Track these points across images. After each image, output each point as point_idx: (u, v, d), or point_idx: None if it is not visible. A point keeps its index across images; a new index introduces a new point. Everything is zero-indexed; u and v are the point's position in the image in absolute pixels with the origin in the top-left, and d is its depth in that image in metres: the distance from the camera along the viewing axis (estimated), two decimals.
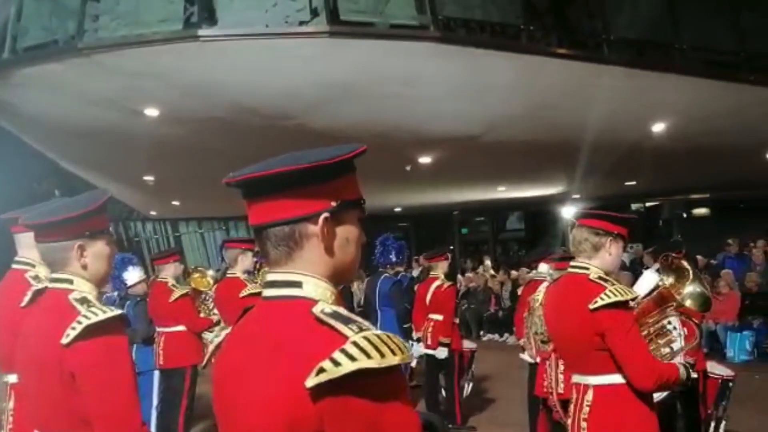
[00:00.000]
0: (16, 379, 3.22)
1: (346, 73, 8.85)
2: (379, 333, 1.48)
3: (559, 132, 11.45)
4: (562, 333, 3.76)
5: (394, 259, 9.08)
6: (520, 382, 7.82)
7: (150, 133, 10.71)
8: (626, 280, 9.17)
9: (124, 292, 7.31)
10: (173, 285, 7.47)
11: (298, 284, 1.64)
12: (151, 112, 9.93)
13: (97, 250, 2.69)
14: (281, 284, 1.66)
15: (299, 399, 1.45)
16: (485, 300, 17.22)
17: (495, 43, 9.02)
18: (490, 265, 19.80)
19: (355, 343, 1.44)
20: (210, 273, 8.70)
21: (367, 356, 1.42)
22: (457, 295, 9.24)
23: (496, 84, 9.49)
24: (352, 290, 14.65)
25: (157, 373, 7.40)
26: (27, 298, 3.30)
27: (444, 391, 8.58)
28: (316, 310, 1.55)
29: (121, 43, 8.43)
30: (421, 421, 1.55)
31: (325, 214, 1.63)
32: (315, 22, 8.28)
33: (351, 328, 1.48)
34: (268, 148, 8.09)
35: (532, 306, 6.36)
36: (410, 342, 8.78)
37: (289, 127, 10.28)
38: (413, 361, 8.71)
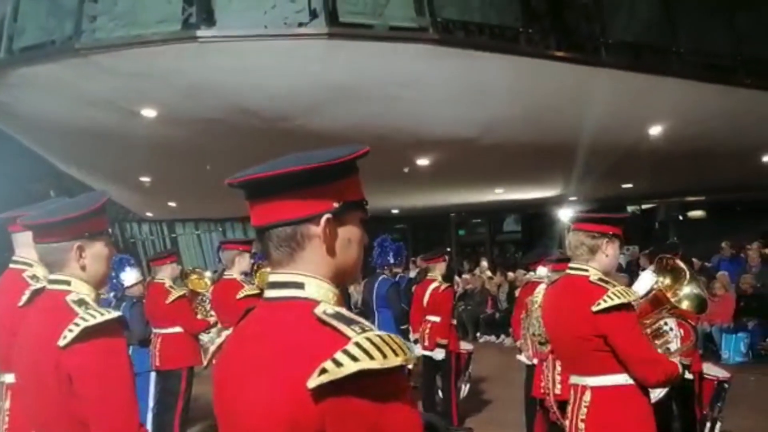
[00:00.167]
0: (12, 379, 3.20)
1: (345, 75, 8.85)
2: (382, 334, 1.48)
3: (557, 134, 11.46)
4: (561, 334, 3.77)
5: (391, 260, 9.07)
6: (517, 383, 7.83)
7: (147, 134, 10.69)
8: (622, 282, 9.17)
9: (120, 293, 7.30)
10: (170, 286, 7.43)
11: (300, 285, 1.64)
12: (149, 113, 9.91)
13: (96, 251, 2.68)
14: (283, 285, 1.66)
15: (301, 400, 1.45)
16: (482, 301, 17.22)
17: (493, 46, 9.05)
18: (487, 266, 19.78)
19: (357, 344, 1.44)
20: (207, 274, 8.69)
21: (370, 357, 1.43)
22: (454, 296, 9.23)
23: (494, 86, 9.50)
24: (350, 291, 14.64)
25: (154, 375, 7.37)
26: (25, 297, 3.27)
27: (441, 393, 8.57)
28: (318, 310, 1.55)
29: (119, 44, 8.43)
30: (423, 421, 1.55)
31: (327, 215, 1.63)
32: (314, 24, 8.29)
33: (353, 329, 1.48)
34: (266, 149, 8.10)
35: (529, 308, 6.36)
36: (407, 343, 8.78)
37: (288, 128, 10.27)
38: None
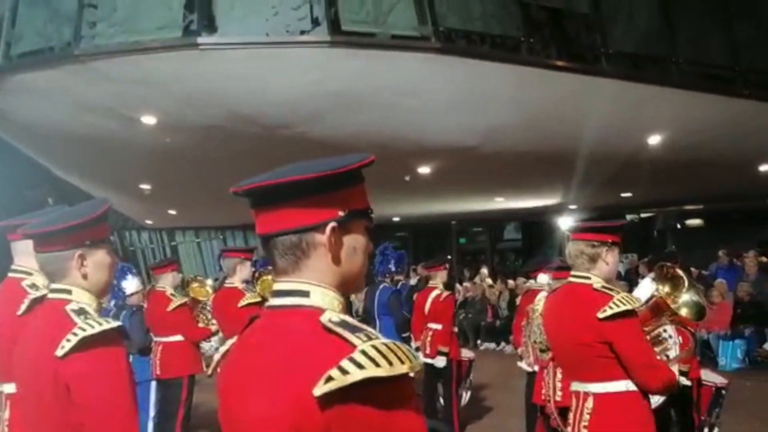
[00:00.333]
0: (11, 388, 3.18)
1: (347, 83, 8.87)
2: (387, 342, 1.48)
3: (557, 143, 11.48)
4: (563, 341, 3.78)
5: (393, 268, 9.08)
6: (518, 390, 7.84)
7: (147, 141, 10.69)
8: (622, 290, 9.18)
9: (122, 301, 7.29)
10: (171, 294, 7.41)
11: (306, 293, 1.64)
12: (149, 120, 9.90)
13: (98, 260, 2.66)
14: (288, 293, 1.66)
15: (307, 407, 1.45)
16: (482, 309, 17.23)
17: (495, 55, 9.06)
18: (487, 274, 19.79)
19: (363, 352, 1.45)
20: (209, 282, 8.68)
21: (376, 365, 1.43)
22: (455, 304, 9.23)
23: (495, 95, 9.53)
24: (351, 299, 14.63)
25: (154, 383, 7.35)
26: (24, 306, 3.27)
27: (442, 400, 8.55)
28: (324, 318, 1.55)
29: (119, 51, 8.42)
30: (429, 429, 1.56)
31: (332, 224, 1.63)
32: (316, 32, 8.30)
33: (359, 337, 1.48)
34: (267, 157, 8.12)
35: (530, 315, 6.38)
36: None
37: (289, 136, 10.28)
38: None
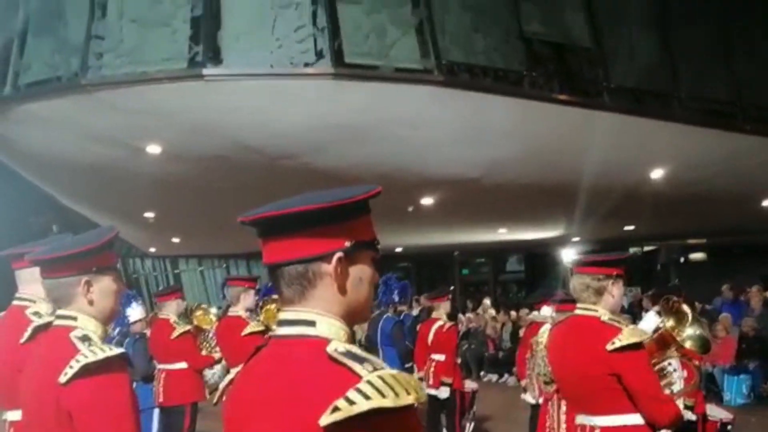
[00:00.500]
0: (16, 416, 3.18)
1: (350, 115, 8.92)
2: (393, 372, 1.49)
3: (559, 176, 11.52)
4: (569, 373, 3.77)
5: (396, 298, 9.08)
6: (522, 422, 7.81)
7: (152, 170, 10.73)
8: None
9: (125, 328, 7.30)
10: (175, 322, 7.44)
11: (312, 323, 1.64)
12: (154, 150, 9.94)
13: (104, 286, 2.66)
14: (294, 323, 1.66)
15: None
16: (485, 341, 17.18)
17: (497, 88, 9.12)
18: (490, 305, 19.75)
19: (369, 382, 1.45)
20: (213, 311, 8.68)
21: (382, 395, 1.43)
22: (458, 335, 9.22)
23: (498, 128, 9.58)
24: (355, 329, 14.56)
25: (157, 411, 7.34)
26: (27, 334, 3.27)
27: (446, 431, 8.53)
28: (330, 349, 1.56)
29: (125, 81, 8.48)
30: None
31: (339, 254, 1.64)
32: (320, 64, 8.37)
33: (365, 368, 1.49)
34: (271, 187, 8.17)
35: (534, 347, 6.37)
36: None
37: (292, 166, 10.31)
38: None
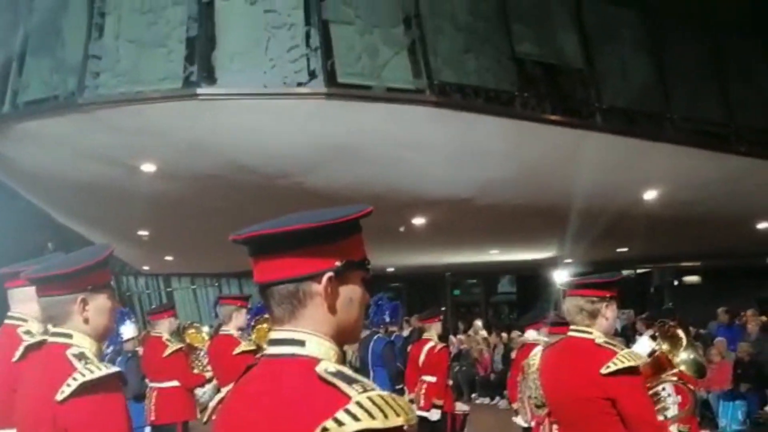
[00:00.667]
0: None
1: (343, 135, 8.95)
2: (383, 393, 1.48)
3: (552, 197, 11.53)
4: (563, 396, 3.74)
5: (387, 319, 9.07)
6: None
7: (146, 188, 10.73)
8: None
9: (119, 346, 7.30)
10: (167, 339, 7.45)
11: (302, 343, 1.63)
12: (148, 168, 9.96)
13: (99, 304, 2.67)
14: (284, 342, 1.65)
15: None
16: (477, 363, 17.14)
17: (489, 109, 9.17)
18: (481, 326, 19.73)
19: (358, 403, 1.45)
20: (205, 329, 8.68)
21: (371, 416, 1.43)
22: (449, 356, 9.20)
23: (490, 148, 9.60)
24: (345, 349, 14.51)
25: (149, 430, 7.34)
26: (18, 353, 3.28)
27: None
28: (320, 369, 1.55)
29: (121, 100, 8.54)
30: None
31: (329, 274, 1.63)
32: (312, 84, 8.41)
33: (355, 388, 1.48)
34: (264, 206, 8.17)
35: (526, 370, 6.35)
36: None
37: (286, 186, 10.33)
38: None
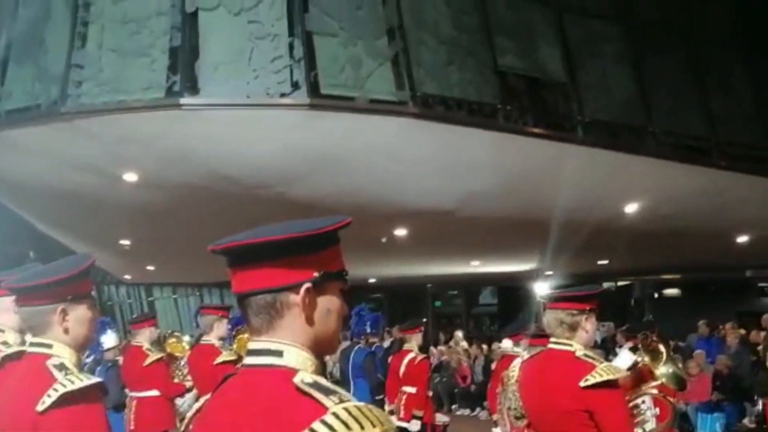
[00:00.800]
0: None
1: (325, 145, 8.96)
2: (360, 404, 1.49)
3: (533, 209, 11.58)
4: (542, 408, 3.75)
5: (368, 329, 9.07)
6: None
7: (128, 197, 10.71)
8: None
9: (99, 355, 7.27)
10: (148, 349, 7.42)
11: (279, 353, 1.63)
12: (131, 177, 9.93)
13: (80, 315, 2.66)
14: (262, 353, 1.66)
15: None
16: (457, 374, 17.12)
17: (472, 121, 9.20)
18: (462, 337, 19.74)
19: (335, 414, 1.45)
20: (186, 339, 8.66)
21: (347, 428, 1.43)
22: (430, 367, 9.20)
23: (472, 160, 9.64)
24: (326, 360, 14.51)
25: None
26: None
27: None
28: (297, 379, 1.55)
29: (103, 109, 8.52)
30: None
31: (307, 285, 1.63)
32: (295, 95, 8.42)
33: (332, 399, 1.49)
34: (246, 216, 8.16)
35: (505, 381, 6.36)
36: None
37: (268, 196, 10.32)
38: None
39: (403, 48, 8.91)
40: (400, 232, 13.55)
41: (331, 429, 1.43)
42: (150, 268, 19.65)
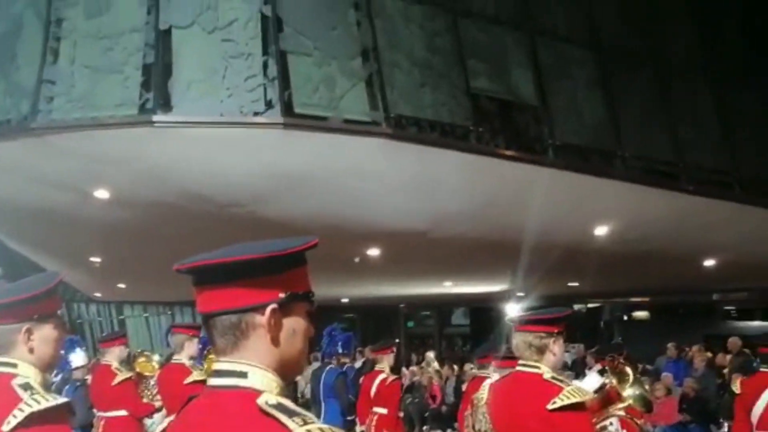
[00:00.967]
0: None
1: (299, 165, 8.95)
2: (323, 426, 1.49)
3: (505, 231, 11.63)
4: (511, 430, 3.77)
5: (340, 350, 9.05)
6: None
7: (100, 215, 10.62)
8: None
9: (68, 374, 7.19)
10: (117, 368, 7.34)
11: (244, 374, 1.63)
12: (102, 195, 9.85)
13: (45, 334, 2.65)
14: (226, 374, 1.65)
15: None
16: (428, 395, 17.07)
17: (444, 143, 9.24)
18: (433, 357, 19.72)
19: None
20: (156, 358, 8.58)
21: None
22: (401, 388, 9.19)
23: (445, 182, 9.68)
24: (297, 380, 14.45)
25: None
26: None
27: None
28: (261, 401, 1.55)
29: (75, 126, 8.44)
30: None
31: (272, 305, 1.64)
32: (269, 114, 8.40)
33: (295, 421, 1.49)
34: (218, 234, 8.13)
35: (475, 403, 6.37)
36: None
37: (240, 215, 10.29)
38: None
39: (377, 69, 8.94)
40: (373, 252, 13.56)
41: None
42: (121, 285, 19.49)
